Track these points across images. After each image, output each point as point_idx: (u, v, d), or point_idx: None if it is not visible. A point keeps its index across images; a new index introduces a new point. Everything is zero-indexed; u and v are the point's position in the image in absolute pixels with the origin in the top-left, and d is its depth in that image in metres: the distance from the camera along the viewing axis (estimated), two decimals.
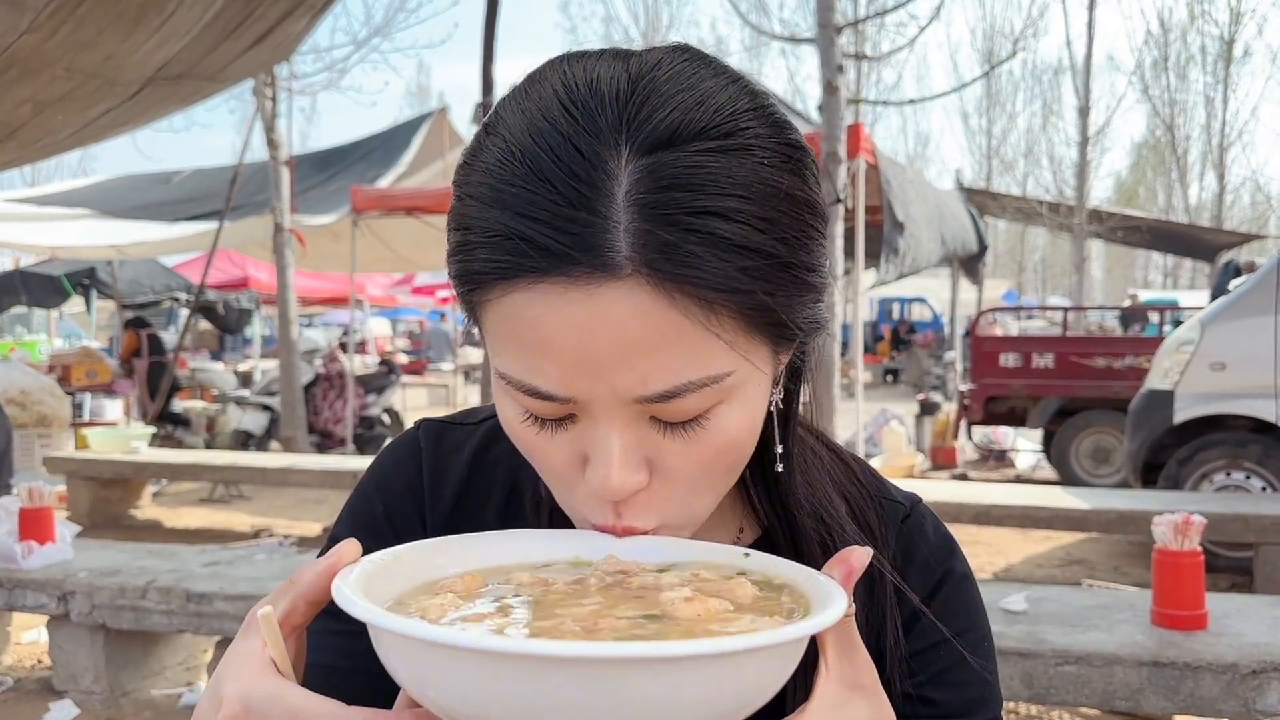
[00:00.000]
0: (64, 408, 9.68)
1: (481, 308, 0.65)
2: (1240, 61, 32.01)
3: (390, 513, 0.86)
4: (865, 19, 10.73)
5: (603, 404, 0.63)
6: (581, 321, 0.60)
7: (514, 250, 0.60)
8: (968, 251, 11.96)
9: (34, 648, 4.90)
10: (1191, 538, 3.11)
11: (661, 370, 0.61)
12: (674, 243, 0.59)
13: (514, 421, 0.69)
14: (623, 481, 0.65)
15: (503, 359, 0.65)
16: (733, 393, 0.65)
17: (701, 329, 0.61)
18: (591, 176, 0.59)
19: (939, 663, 0.80)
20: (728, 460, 0.68)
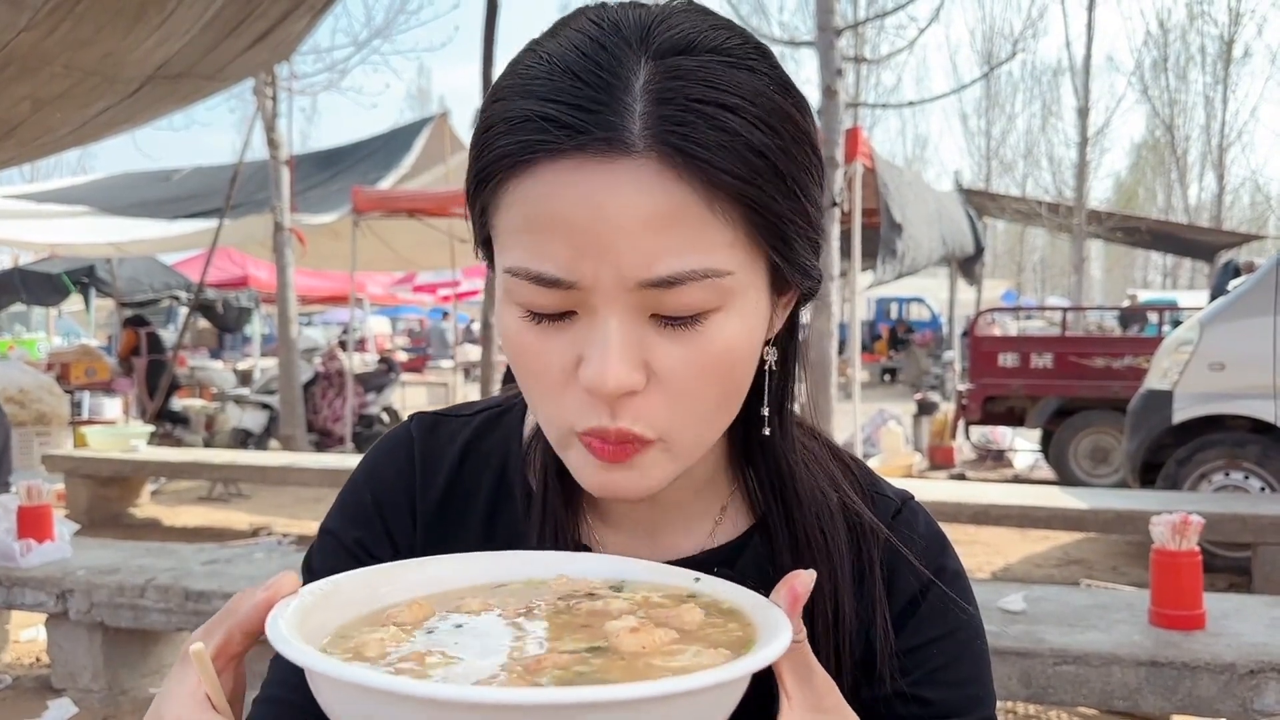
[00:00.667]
0: (63, 406, 9.67)
1: (495, 207, 0.68)
2: (1240, 62, 32.02)
3: (379, 502, 0.86)
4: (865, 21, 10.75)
5: (605, 292, 0.65)
6: (594, 196, 0.63)
7: (537, 130, 0.63)
8: (965, 253, 11.97)
9: (32, 646, 4.90)
10: (1190, 538, 3.12)
11: (666, 253, 0.63)
12: (684, 126, 0.63)
13: (512, 327, 0.70)
14: (619, 374, 0.65)
15: (511, 253, 0.67)
16: (731, 299, 0.67)
17: (706, 213, 0.64)
18: (612, 68, 0.64)
19: (932, 660, 0.80)
20: (724, 375, 0.69)
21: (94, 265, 15.54)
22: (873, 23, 12.96)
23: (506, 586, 0.67)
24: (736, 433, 0.81)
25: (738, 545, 0.83)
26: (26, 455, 8.69)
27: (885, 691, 0.78)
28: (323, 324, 24.79)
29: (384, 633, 0.57)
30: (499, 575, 0.68)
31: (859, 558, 0.81)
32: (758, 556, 0.82)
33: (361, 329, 19.70)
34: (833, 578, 0.79)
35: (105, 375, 12.56)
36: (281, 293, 10.71)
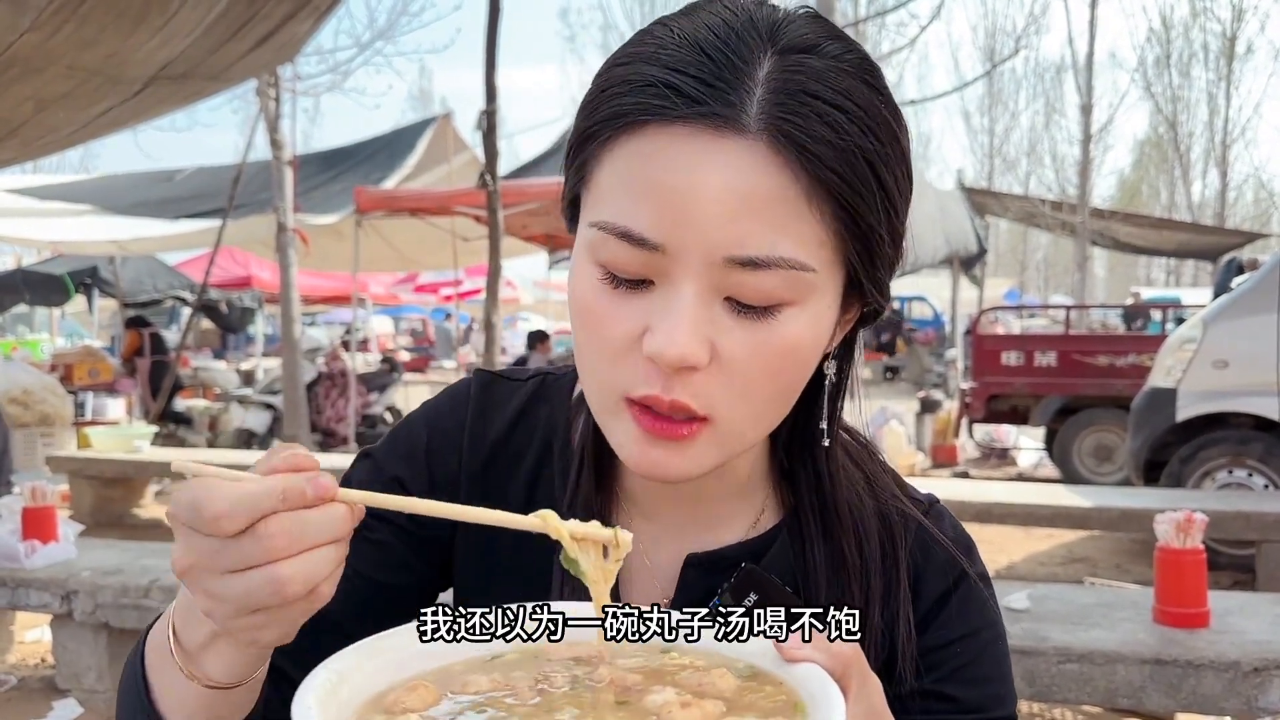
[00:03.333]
0: (66, 407, 9.68)
1: (599, 160, 0.69)
2: (1243, 58, 31.97)
3: (431, 449, 0.88)
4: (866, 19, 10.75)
5: (689, 261, 0.65)
6: (698, 166, 0.64)
7: (657, 94, 0.65)
8: (967, 252, 11.98)
9: (37, 647, 4.90)
10: (1194, 535, 3.11)
11: (758, 235, 0.64)
12: (798, 117, 0.64)
13: (585, 286, 0.70)
14: (688, 344, 0.65)
15: (606, 207, 0.68)
16: (807, 297, 0.68)
17: (804, 206, 0.65)
18: (740, 51, 0.65)
19: (955, 659, 0.81)
20: (785, 369, 0.69)
21: (97, 266, 15.55)
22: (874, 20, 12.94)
23: (502, 657, 0.65)
24: (780, 438, 0.81)
25: (767, 539, 0.84)
26: (30, 456, 8.70)
27: (906, 689, 0.79)
28: (325, 324, 24.79)
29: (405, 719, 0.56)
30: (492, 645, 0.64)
31: (888, 559, 0.82)
32: (785, 552, 0.83)
33: (364, 329, 19.71)
34: (864, 579, 0.81)
35: (109, 376, 12.57)
36: (284, 293, 10.71)
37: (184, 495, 0.58)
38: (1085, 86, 20.88)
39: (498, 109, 7.82)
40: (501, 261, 8.28)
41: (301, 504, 0.57)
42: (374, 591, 0.84)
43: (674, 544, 0.83)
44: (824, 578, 0.81)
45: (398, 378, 12.45)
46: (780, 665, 0.59)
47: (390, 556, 0.85)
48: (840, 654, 0.59)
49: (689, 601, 0.70)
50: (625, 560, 0.83)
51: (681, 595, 0.82)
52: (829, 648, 0.59)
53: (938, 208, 10.84)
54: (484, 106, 7.80)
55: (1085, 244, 18.79)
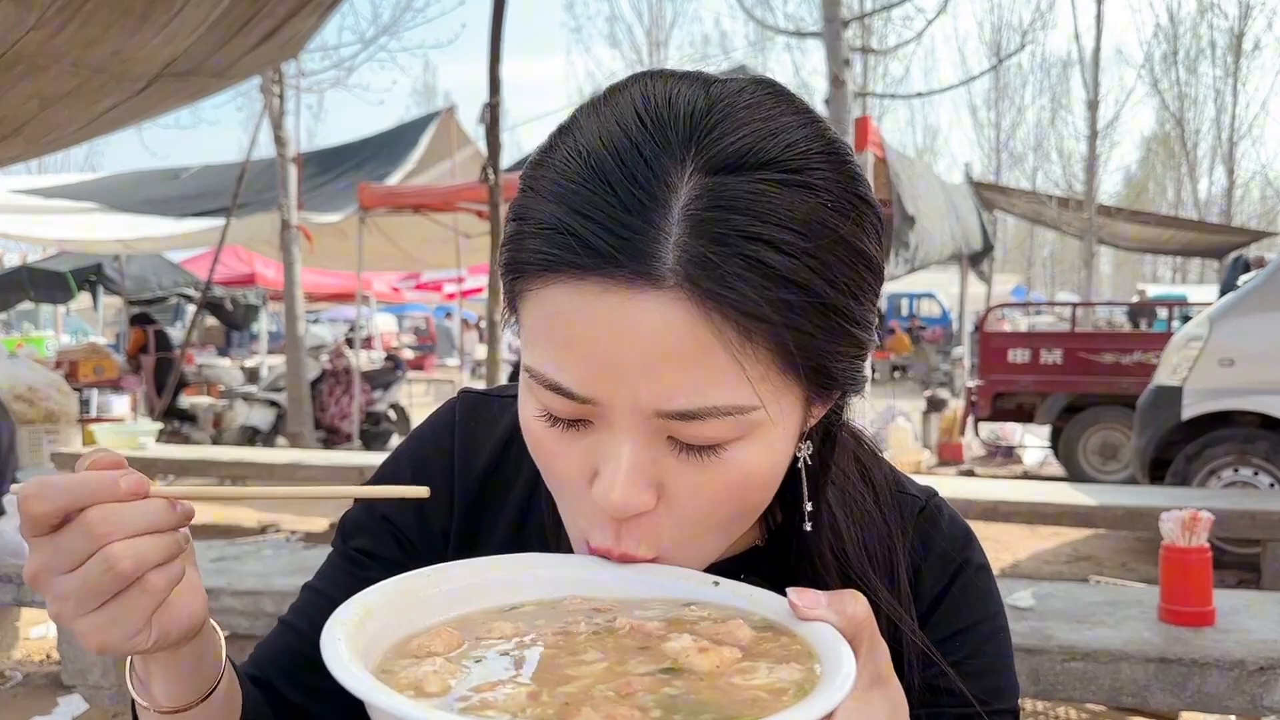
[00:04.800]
0: (71, 404, 9.69)
1: (522, 298, 0.66)
2: (1250, 55, 31.89)
3: (419, 482, 0.86)
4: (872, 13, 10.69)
5: (621, 412, 0.63)
6: (615, 324, 0.60)
7: (562, 245, 0.61)
8: (973, 249, 11.93)
9: (43, 643, 4.91)
10: (1199, 534, 3.10)
11: (686, 388, 0.61)
12: (720, 262, 0.59)
13: (531, 419, 0.69)
14: (627, 497, 0.64)
15: (533, 352, 0.66)
16: (755, 430, 0.64)
17: (734, 354, 0.61)
18: (652, 186, 0.60)
19: (957, 651, 0.81)
20: (739, 500, 0.68)
21: (101, 263, 15.58)
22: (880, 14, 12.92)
23: (520, 608, 0.66)
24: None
25: (765, 549, 0.83)
26: (35, 453, 8.71)
27: (911, 681, 0.79)
28: (329, 321, 24.83)
29: (431, 665, 0.57)
30: (514, 594, 0.68)
31: (887, 554, 0.82)
32: (782, 558, 0.82)
33: (368, 326, 19.72)
34: (863, 572, 0.80)
35: (113, 373, 12.58)
36: (289, 290, 10.73)
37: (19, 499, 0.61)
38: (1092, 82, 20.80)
39: (501, 101, 7.82)
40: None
41: (114, 497, 0.60)
42: None
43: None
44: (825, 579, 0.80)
45: (401, 375, 12.46)
46: (794, 622, 0.61)
47: None
48: (853, 616, 0.59)
49: None
50: None
51: None
52: (842, 609, 0.59)
53: (946, 202, 10.78)
54: (487, 99, 7.80)
55: (1092, 241, 18.75)
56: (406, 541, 0.88)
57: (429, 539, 0.88)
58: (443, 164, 12.83)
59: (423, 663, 0.57)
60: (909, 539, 0.83)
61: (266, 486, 0.65)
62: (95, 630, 0.61)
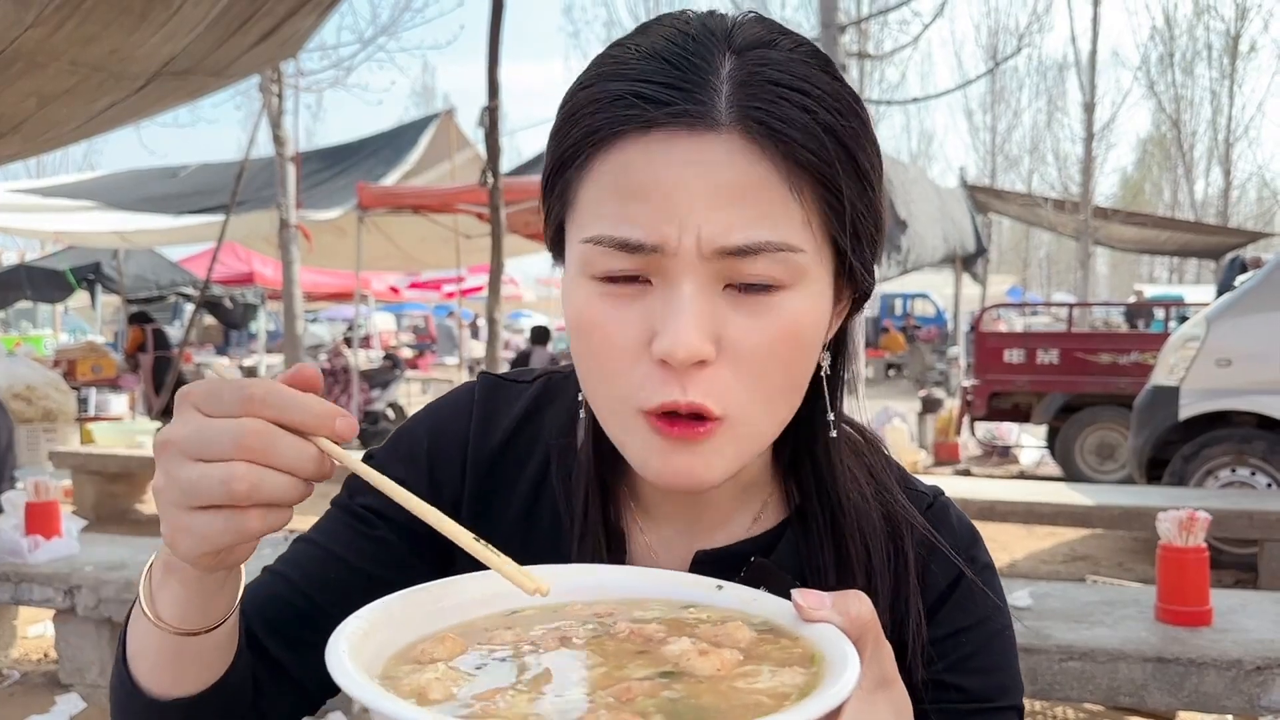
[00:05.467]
0: (69, 402, 9.69)
1: (581, 182, 0.71)
2: (1246, 57, 31.91)
3: (434, 450, 0.88)
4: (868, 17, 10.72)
5: (684, 257, 0.67)
6: (680, 164, 0.66)
7: (627, 105, 0.67)
8: (966, 251, 11.98)
9: (40, 642, 4.91)
10: (1196, 534, 3.11)
11: (745, 223, 0.66)
12: (769, 109, 0.66)
13: (583, 302, 0.71)
14: (692, 341, 0.66)
15: (594, 224, 0.69)
16: (801, 278, 0.69)
17: (785, 190, 0.67)
18: (700, 54, 0.68)
19: (961, 649, 0.82)
20: (791, 351, 0.70)
21: (100, 261, 15.57)
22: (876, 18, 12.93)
23: (521, 613, 0.66)
24: (784, 434, 0.82)
25: (775, 533, 0.84)
26: (34, 452, 8.71)
27: (915, 679, 0.80)
28: (328, 320, 24.83)
29: (434, 671, 0.57)
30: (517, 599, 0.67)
31: (894, 551, 0.83)
32: (792, 545, 0.83)
33: (366, 325, 19.71)
34: (869, 568, 0.81)
35: (111, 372, 12.58)
36: (287, 289, 10.72)
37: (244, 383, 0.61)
38: (1088, 84, 20.83)
39: (500, 105, 7.82)
40: (504, 259, 8.29)
41: (286, 420, 0.61)
42: (372, 587, 0.84)
43: (681, 546, 0.84)
44: (831, 571, 0.81)
45: (400, 374, 12.46)
46: (797, 624, 0.61)
47: (391, 554, 0.86)
48: (858, 618, 0.60)
49: None
50: (632, 561, 0.84)
51: None
52: (847, 610, 0.60)
53: (939, 206, 10.83)
54: (486, 103, 7.80)
55: (1088, 242, 18.77)
56: None
57: (438, 507, 0.88)
58: (441, 165, 12.83)
59: (425, 669, 0.57)
60: (916, 537, 0.84)
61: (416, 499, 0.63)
62: (174, 529, 0.62)
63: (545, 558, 0.84)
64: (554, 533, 0.86)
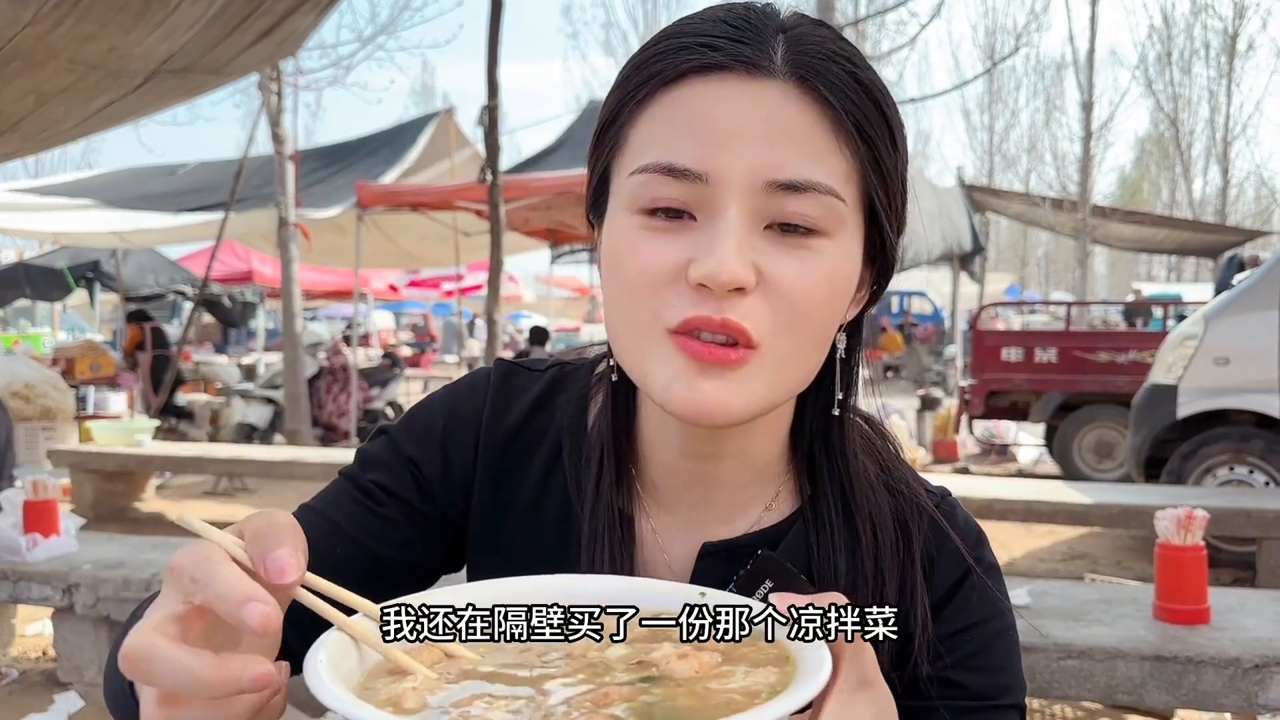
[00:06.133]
0: (68, 401, 9.68)
1: (635, 122, 0.73)
2: (1244, 56, 31.87)
3: (448, 431, 0.89)
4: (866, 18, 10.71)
5: (732, 188, 0.69)
6: (736, 101, 0.70)
7: (691, 52, 0.71)
8: (962, 250, 12.00)
9: (39, 640, 4.91)
10: (1194, 532, 3.11)
11: (797, 160, 0.69)
12: (818, 63, 0.71)
13: (624, 234, 0.73)
14: (734, 267, 0.67)
15: (644, 155, 0.72)
16: (840, 229, 0.71)
17: (832, 140, 0.71)
18: (758, 22, 0.73)
19: (965, 647, 0.82)
20: (824, 298, 0.71)
21: (98, 260, 15.56)
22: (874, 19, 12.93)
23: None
24: (798, 419, 0.83)
25: (783, 527, 0.85)
26: (32, 450, 8.71)
27: (918, 674, 0.80)
28: (327, 319, 24.81)
29: (411, 681, 0.56)
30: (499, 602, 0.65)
31: (903, 546, 0.84)
32: (801, 538, 0.84)
33: (365, 324, 19.71)
34: (878, 563, 0.82)
35: (110, 370, 12.58)
36: (286, 287, 10.72)
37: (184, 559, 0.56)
38: (1086, 84, 20.83)
39: (500, 104, 7.82)
40: (503, 257, 8.29)
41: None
42: (376, 566, 0.85)
43: (690, 534, 0.84)
44: (841, 564, 0.81)
45: (399, 373, 12.46)
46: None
47: (396, 533, 0.87)
48: None
49: None
50: (641, 551, 0.84)
51: (696, 584, 0.83)
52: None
53: (936, 205, 10.85)
54: (486, 102, 7.81)
55: (1086, 241, 18.77)
56: (427, 486, 0.88)
57: (449, 489, 0.88)
58: (441, 164, 12.83)
59: (403, 679, 0.57)
60: (922, 533, 0.84)
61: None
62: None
63: (553, 545, 0.85)
64: (563, 519, 0.86)
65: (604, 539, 0.82)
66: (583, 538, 0.83)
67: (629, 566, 0.82)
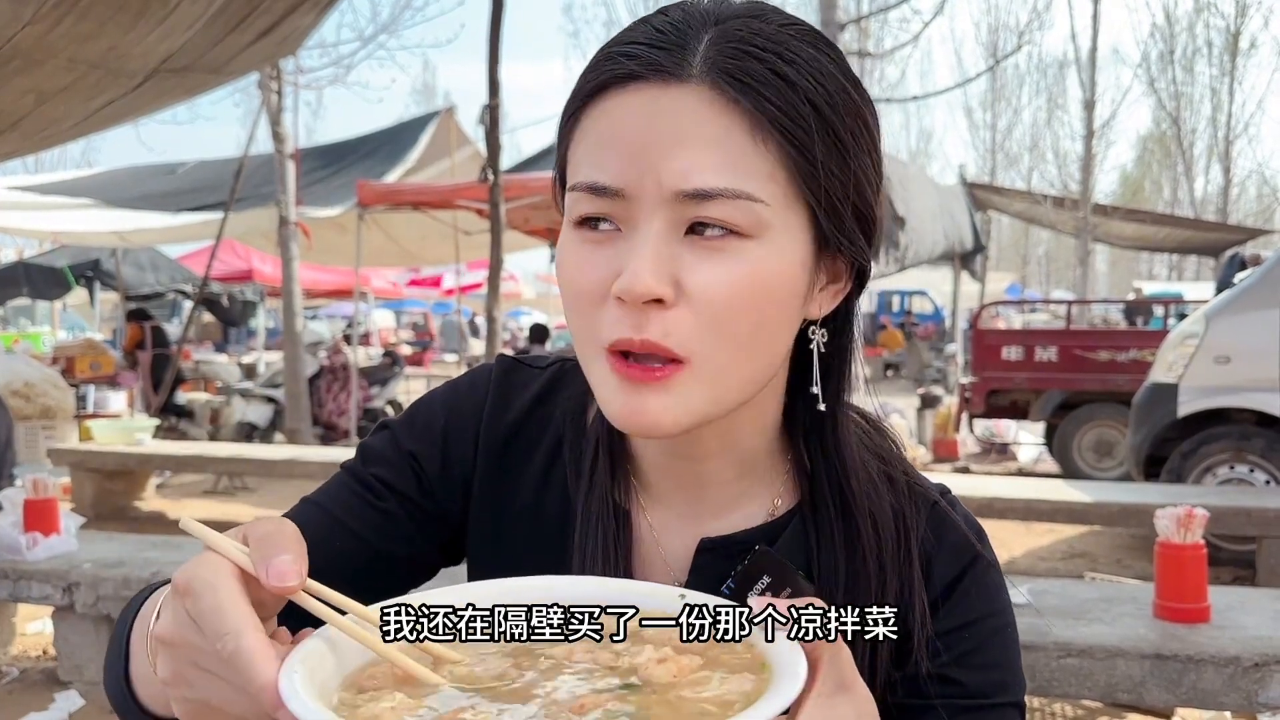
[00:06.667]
0: (68, 400, 9.69)
1: (574, 140, 0.75)
2: (1246, 54, 31.83)
3: (449, 427, 0.90)
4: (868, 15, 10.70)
5: (646, 201, 0.69)
6: (647, 113, 0.70)
7: (612, 63, 0.72)
8: (964, 248, 12.00)
9: (39, 639, 4.91)
10: (1194, 531, 3.11)
11: (704, 167, 0.68)
12: (738, 60, 0.70)
13: (567, 249, 0.74)
14: (647, 278, 0.68)
15: (576, 172, 0.73)
16: (765, 231, 0.70)
17: (748, 141, 0.69)
18: (686, 23, 0.72)
19: (963, 644, 0.82)
20: (753, 301, 0.71)
21: (99, 259, 15.55)
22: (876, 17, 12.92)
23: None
24: (793, 416, 0.84)
25: (781, 522, 0.84)
26: (32, 449, 8.71)
27: (917, 672, 0.80)
28: (327, 318, 24.81)
29: (391, 700, 0.56)
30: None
31: (901, 542, 0.83)
32: (799, 535, 0.83)
33: (365, 323, 19.71)
34: (878, 559, 0.82)
35: (110, 369, 12.58)
36: (286, 286, 10.72)
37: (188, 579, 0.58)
38: (1088, 82, 20.80)
39: (500, 103, 7.82)
40: (503, 255, 8.29)
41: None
42: (375, 560, 0.85)
43: (688, 530, 0.84)
44: (840, 560, 0.81)
45: (399, 372, 12.45)
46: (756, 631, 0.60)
47: (396, 527, 0.87)
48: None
49: (701, 586, 0.71)
50: (638, 547, 0.84)
51: (694, 580, 0.83)
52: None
53: (937, 203, 10.85)
54: (487, 101, 7.81)
55: (1087, 239, 18.75)
56: (427, 482, 0.88)
57: (449, 485, 0.89)
58: (442, 163, 12.82)
59: (381, 699, 0.56)
60: (922, 530, 0.84)
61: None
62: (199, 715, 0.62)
63: (553, 541, 0.85)
64: (563, 516, 0.86)
65: (597, 530, 0.82)
66: (576, 529, 0.83)
67: (624, 560, 0.83)
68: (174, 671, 0.60)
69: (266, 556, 0.58)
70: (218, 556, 0.59)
